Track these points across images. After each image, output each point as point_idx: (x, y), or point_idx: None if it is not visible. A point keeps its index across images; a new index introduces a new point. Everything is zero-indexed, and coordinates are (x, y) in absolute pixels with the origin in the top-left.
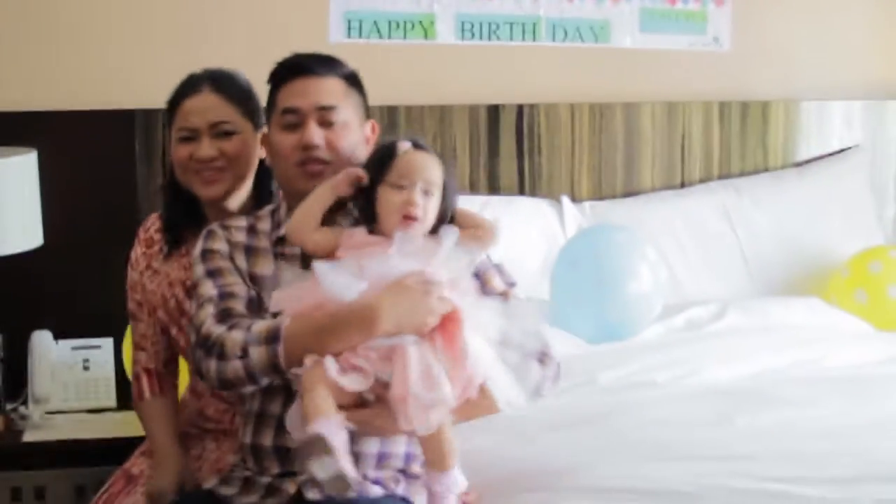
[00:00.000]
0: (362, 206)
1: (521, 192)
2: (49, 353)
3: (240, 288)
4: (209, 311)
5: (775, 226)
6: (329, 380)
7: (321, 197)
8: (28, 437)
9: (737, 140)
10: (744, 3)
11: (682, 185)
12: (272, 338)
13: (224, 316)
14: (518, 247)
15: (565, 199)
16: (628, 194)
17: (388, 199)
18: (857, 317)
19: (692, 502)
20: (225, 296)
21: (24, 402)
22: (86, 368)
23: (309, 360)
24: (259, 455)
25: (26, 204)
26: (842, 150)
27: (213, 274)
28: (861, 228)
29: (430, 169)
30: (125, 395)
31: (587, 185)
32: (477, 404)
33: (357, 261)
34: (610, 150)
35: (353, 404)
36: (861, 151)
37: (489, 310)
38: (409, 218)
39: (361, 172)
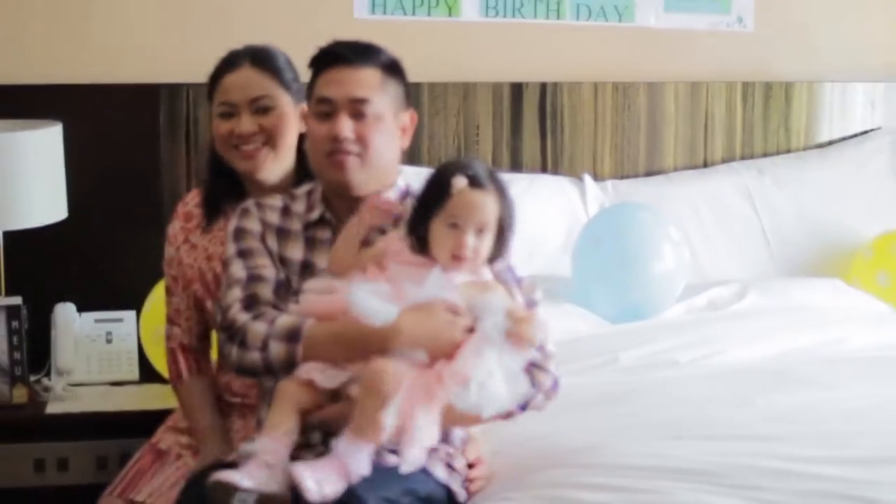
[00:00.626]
0: (415, 233)
1: (544, 170)
2: (72, 325)
3: (269, 271)
4: (237, 294)
5: (797, 207)
6: (304, 377)
7: (350, 237)
8: (51, 408)
9: (759, 121)
10: None
11: (705, 165)
12: (293, 336)
13: (251, 303)
14: (540, 225)
15: (587, 178)
16: (650, 174)
17: (440, 236)
18: (879, 299)
19: (713, 481)
20: (253, 278)
21: (48, 374)
22: (108, 341)
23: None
24: None
25: (51, 176)
26: (864, 132)
27: (243, 254)
28: (883, 210)
29: (485, 210)
30: (147, 368)
31: (609, 164)
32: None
33: (393, 283)
34: (633, 129)
35: (327, 400)
36: (883, 133)
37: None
38: (458, 258)
39: (391, 203)
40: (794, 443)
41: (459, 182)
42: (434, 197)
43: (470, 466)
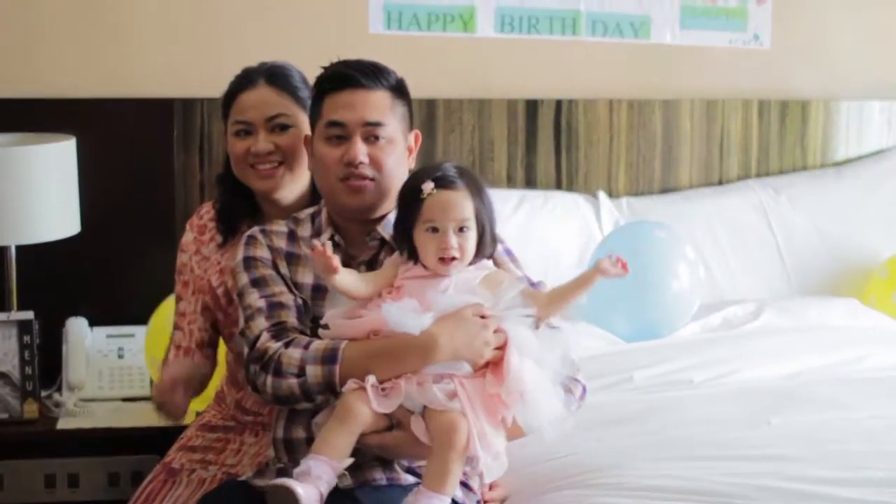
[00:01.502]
0: (404, 245)
1: (559, 187)
2: (84, 340)
3: (287, 297)
4: (262, 323)
5: (813, 225)
6: (367, 402)
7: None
8: (62, 424)
9: (775, 139)
10: (785, 0)
11: (720, 183)
12: (330, 358)
13: (279, 330)
14: (554, 242)
15: (602, 195)
16: (666, 191)
17: (423, 241)
18: (894, 319)
19: (727, 502)
20: (274, 306)
21: (59, 389)
22: (120, 356)
23: (353, 383)
24: (292, 448)
25: (64, 191)
26: (881, 151)
27: (257, 283)
28: None
29: (458, 207)
30: None
31: (624, 181)
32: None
33: (418, 295)
34: (648, 146)
35: (382, 427)
36: None
37: (532, 336)
38: (445, 260)
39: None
40: (809, 463)
41: (427, 186)
42: (409, 206)
43: (489, 488)
